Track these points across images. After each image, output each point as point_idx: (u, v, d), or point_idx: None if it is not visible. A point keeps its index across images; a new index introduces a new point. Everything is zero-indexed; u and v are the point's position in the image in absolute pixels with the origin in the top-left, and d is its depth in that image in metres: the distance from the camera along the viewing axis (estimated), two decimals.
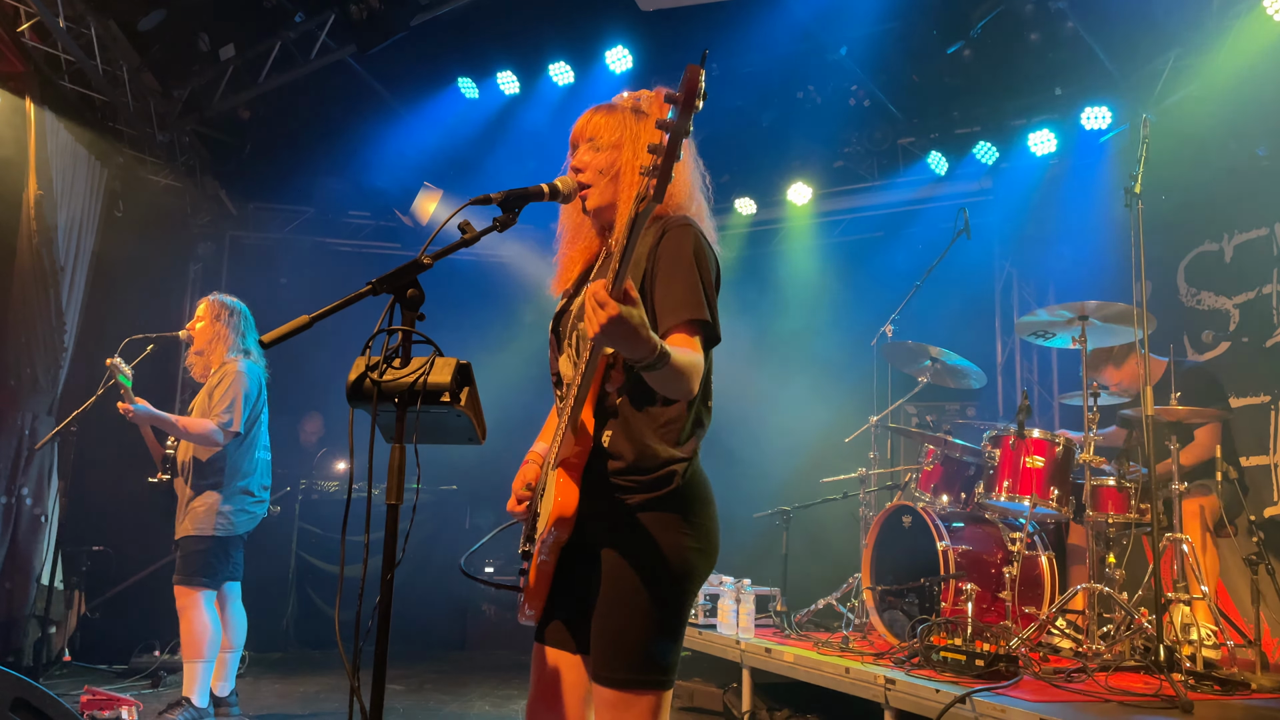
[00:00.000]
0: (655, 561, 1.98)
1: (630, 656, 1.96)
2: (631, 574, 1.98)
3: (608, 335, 1.71)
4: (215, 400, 4.85)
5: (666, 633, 1.99)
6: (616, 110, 2.23)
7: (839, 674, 4.13)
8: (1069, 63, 6.53)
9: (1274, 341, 5.79)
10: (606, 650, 1.99)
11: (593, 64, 7.33)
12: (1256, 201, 5.93)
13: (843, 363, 7.32)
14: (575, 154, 2.22)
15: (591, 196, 2.19)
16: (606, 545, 2.02)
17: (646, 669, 1.97)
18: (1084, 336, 4.78)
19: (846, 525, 6.35)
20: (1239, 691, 3.73)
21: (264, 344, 1.75)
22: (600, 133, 2.20)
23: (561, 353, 2.21)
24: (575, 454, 2.00)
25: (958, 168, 7.39)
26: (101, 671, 6.26)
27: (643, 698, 1.96)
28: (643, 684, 1.96)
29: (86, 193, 7.16)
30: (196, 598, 4.72)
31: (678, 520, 2.01)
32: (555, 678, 2.14)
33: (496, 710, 5.49)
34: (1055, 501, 4.77)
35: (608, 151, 2.17)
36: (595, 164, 2.18)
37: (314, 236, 8.84)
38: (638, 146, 2.13)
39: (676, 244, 2.05)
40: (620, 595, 1.98)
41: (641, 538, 1.99)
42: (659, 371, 1.82)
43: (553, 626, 2.17)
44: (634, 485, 2.01)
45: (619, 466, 2.02)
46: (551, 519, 1.96)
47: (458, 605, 8.12)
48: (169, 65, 7.09)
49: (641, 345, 1.74)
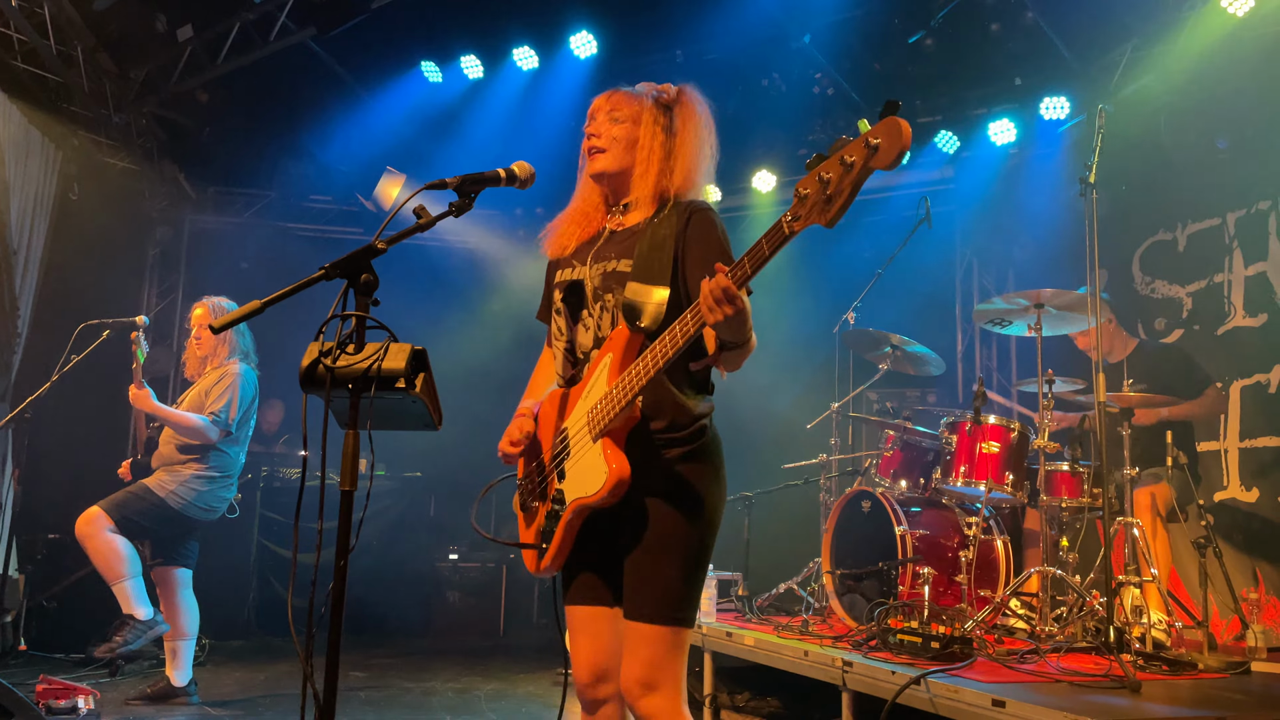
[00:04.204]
0: (692, 508, 2.17)
1: (673, 595, 2.13)
2: (672, 521, 2.15)
3: (728, 323, 1.87)
4: (212, 398, 4.91)
5: (700, 572, 2.19)
6: (639, 95, 2.38)
7: (798, 657, 4.17)
8: (1028, 53, 6.60)
9: (1225, 329, 5.91)
10: (652, 590, 2.13)
11: (557, 49, 7.31)
12: (1210, 192, 6.04)
13: (805, 349, 7.37)
14: (594, 123, 2.36)
15: (601, 160, 2.32)
16: (646, 496, 2.15)
17: (685, 606, 2.15)
18: (1039, 324, 4.85)
19: (807, 510, 6.40)
20: (1186, 672, 3.81)
21: (214, 329, 1.73)
22: (620, 107, 2.35)
23: (578, 322, 2.30)
24: (623, 426, 2.11)
25: (919, 156, 7.44)
26: (58, 660, 6.18)
27: (678, 633, 2.14)
28: (683, 620, 2.14)
29: (40, 176, 7.02)
30: (100, 524, 4.67)
31: (708, 469, 2.22)
32: (604, 634, 2.25)
33: (460, 696, 5.49)
34: (1010, 486, 4.85)
35: (627, 124, 2.33)
36: (612, 132, 2.33)
37: (275, 221, 8.74)
38: (656, 129, 2.32)
39: (707, 228, 2.24)
40: (664, 540, 2.14)
41: (679, 488, 2.17)
42: (741, 350, 2.04)
43: (582, 586, 2.29)
44: (672, 441, 2.18)
45: (659, 427, 2.18)
46: (609, 485, 2.06)
47: (422, 592, 8.10)
48: (125, 46, 6.97)
49: (747, 330, 1.96)
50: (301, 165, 8.36)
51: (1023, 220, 7.15)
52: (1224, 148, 5.89)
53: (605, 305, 2.23)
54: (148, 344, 4.89)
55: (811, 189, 1.75)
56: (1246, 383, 5.74)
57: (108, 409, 8.07)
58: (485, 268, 8.73)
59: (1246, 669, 3.94)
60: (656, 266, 2.17)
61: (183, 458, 4.91)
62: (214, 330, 1.74)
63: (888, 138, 1.65)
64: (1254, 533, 5.56)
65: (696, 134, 2.36)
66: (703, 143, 2.37)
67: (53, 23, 6.37)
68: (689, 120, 2.36)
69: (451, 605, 8.06)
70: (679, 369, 2.20)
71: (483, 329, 8.32)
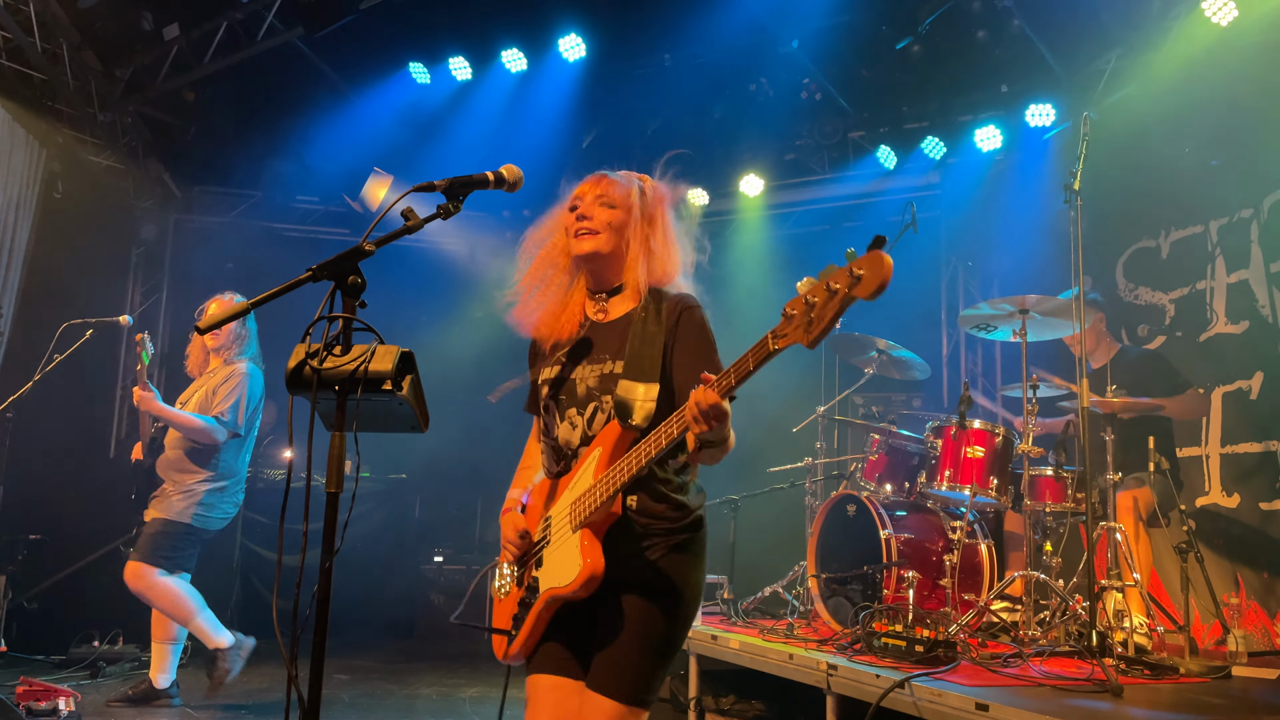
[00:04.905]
0: (675, 596, 2.20)
1: (639, 677, 2.16)
2: (653, 607, 2.18)
3: (713, 431, 1.94)
4: (219, 398, 4.87)
5: (670, 658, 2.23)
6: (625, 182, 2.40)
7: (783, 660, 4.18)
8: (1015, 61, 6.64)
9: (1208, 336, 5.95)
10: (620, 668, 2.16)
11: (545, 51, 7.31)
12: (1193, 200, 6.09)
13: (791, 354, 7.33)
14: (584, 204, 2.35)
15: (592, 241, 2.32)
16: (627, 584, 2.18)
17: (649, 690, 2.18)
18: (1024, 330, 4.88)
19: (793, 514, 6.41)
20: (1168, 675, 3.84)
21: (200, 330, 1.73)
22: (612, 194, 2.36)
23: (563, 420, 2.31)
24: (603, 520, 2.15)
25: (906, 162, 7.48)
26: (39, 662, 6.13)
27: (638, 714, 2.17)
28: (644, 702, 2.17)
29: (24, 173, 6.97)
30: (153, 576, 4.72)
31: (695, 559, 2.26)
32: (564, 705, 2.23)
33: (444, 699, 5.47)
34: (995, 491, 4.87)
35: (620, 211, 2.34)
36: (604, 217, 2.34)
37: (261, 221, 8.70)
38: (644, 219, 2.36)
39: (697, 326, 2.30)
40: (642, 624, 2.17)
41: (660, 581, 2.20)
42: (719, 447, 2.07)
43: (549, 655, 2.28)
44: (664, 533, 2.22)
45: (653, 521, 2.21)
46: (582, 579, 2.09)
47: (406, 595, 8.08)
48: (111, 44, 6.93)
49: (727, 430, 1.99)
50: (288, 165, 8.32)
51: (1008, 226, 7.18)
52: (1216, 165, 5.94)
53: (601, 406, 2.25)
54: (153, 346, 4.85)
55: (798, 310, 1.85)
56: (1228, 389, 5.78)
57: (90, 408, 8.03)
58: (473, 270, 8.71)
59: (1227, 673, 3.97)
60: (647, 363, 2.22)
61: (192, 470, 4.83)
62: (200, 331, 1.73)
63: (870, 270, 1.73)
64: (1235, 538, 5.60)
65: (671, 224, 2.41)
66: (678, 233, 2.42)
67: (38, 20, 6.33)
68: (663, 211, 2.40)
69: (436, 607, 8.04)
70: (668, 467, 2.25)
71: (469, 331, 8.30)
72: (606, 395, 2.24)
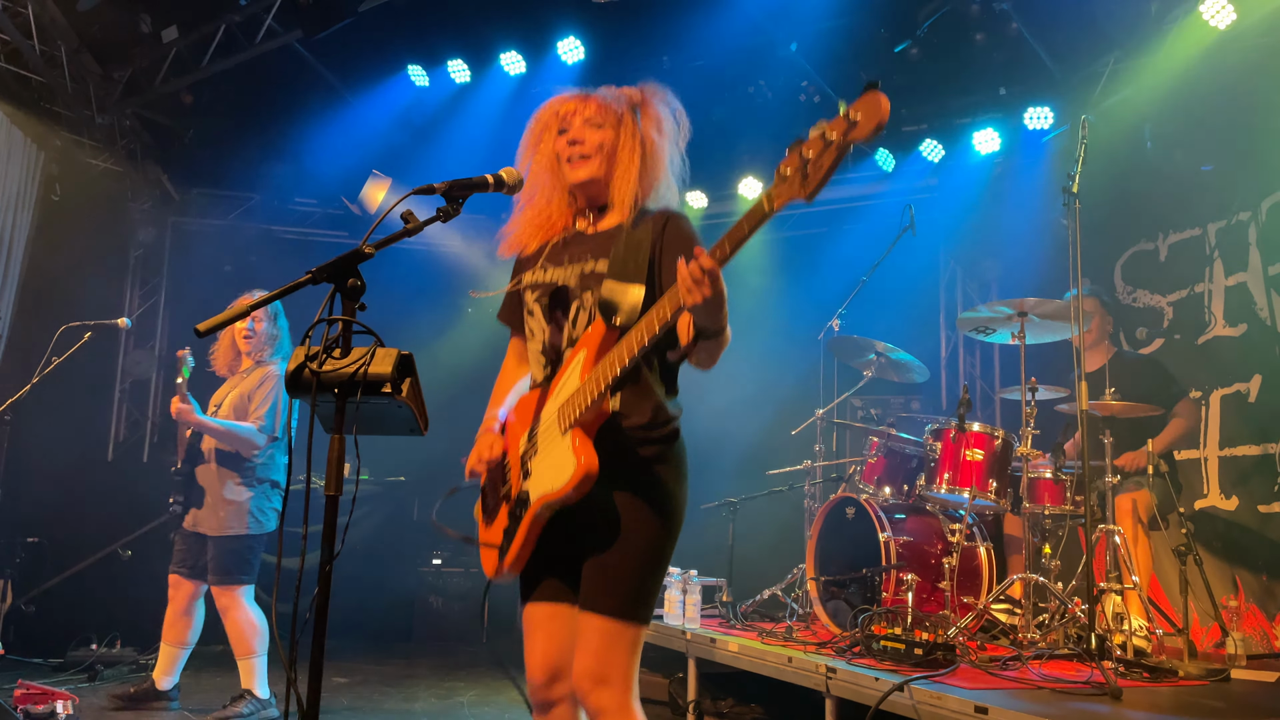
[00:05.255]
0: (659, 507, 2.16)
1: (631, 590, 2.11)
2: (637, 518, 2.13)
3: (706, 306, 1.85)
4: (255, 403, 4.83)
5: (659, 571, 2.18)
6: (609, 99, 2.37)
7: (782, 663, 4.18)
8: (1013, 63, 6.65)
9: (1206, 339, 5.96)
10: (608, 581, 2.11)
11: (544, 54, 7.30)
12: (1191, 202, 6.10)
13: (790, 356, 7.39)
14: (574, 128, 2.31)
15: (586, 167, 2.30)
16: (613, 491, 2.13)
17: (642, 603, 2.13)
18: (1023, 333, 4.88)
19: (792, 517, 6.41)
20: (1167, 679, 3.84)
21: (200, 332, 1.72)
22: (599, 114, 2.32)
23: (552, 323, 2.28)
24: (594, 419, 2.09)
25: (905, 165, 7.49)
26: (36, 665, 6.12)
27: (633, 629, 2.11)
28: (639, 617, 2.12)
29: (22, 175, 6.97)
30: (236, 595, 4.74)
31: (676, 472, 2.22)
32: (564, 631, 2.21)
33: (441, 703, 5.47)
34: (994, 493, 4.87)
35: (608, 130, 2.31)
36: (595, 139, 2.30)
37: (259, 223, 8.69)
38: (633, 135, 2.32)
39: (684, 231, 2.26)
40: (627, 534, 2.12)
41: (647, 486, 2.16)
42: (716, 340, 2.02)
43: (546, 584, 2.25)
44: (647, 440, 2.17)
45: (636, 424, 2.16)
46: (577, 477, 2.02)
47: (404, 598, 8.06)
48: (109, 46, 6.92)
49: (723, 317, 1.94)
50: (286, 168, 8.31)
51: (1006, 229, 7.19)
52: (1209, 170, 5.95)
53: (583, 305, 2.22)
54: (193, 360, 4.83)
55: (792, 167, 1.78)
56: (1226, 392, 5.78)
57: (88, 411, 8.02)
58: (471, 272, 8.71)
59: (1226, 676, 3.97)
60: (633, 266, 2.17)
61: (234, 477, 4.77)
62: (199, 334, 1.73)
63: (866, 111, 1.73)
64: (1233, 541, 5.60)
65: (666, 135, 2.36)
66: (671, 143, 2.38)
67: (36, 23, 6.32)
68: (657, 123, 2.36)
69: (434, 610, 8.03)
70: (657, 368, 2.22)
71: (468, 333, 8.30)
72: (588, 293, 2.20)
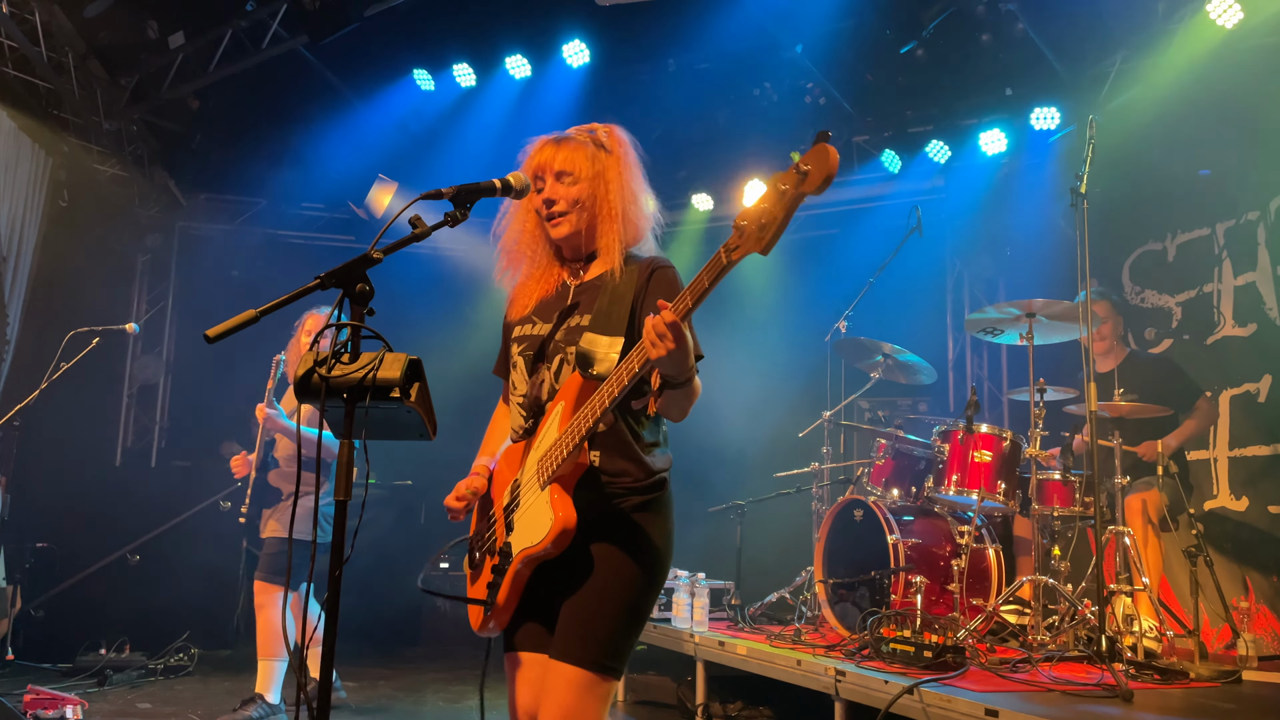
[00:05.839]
0: (639, 558, 2.14)
1: (604, 642, 2.08)
2: (617, 568, 2.12)
3: (670, 358, 1.87)
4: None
5: (636, 626, 2.15)
6: (582, 145, 2.33)
7: (791, 666, 4.17)
8: (1019, 64, 6.63)
9: (1215, 339, 5.93)
10: (582, 633, 2.09)
11: (549, 58, 7.31)
12: (1199, 202, 6.07)
13: (797, 358, 7.38)
14: (548, 186, 2.30)
15: (564, 224, 2.29)
16: (595, 543, 2.13)
17: (616, 656, 2.10)
18: (1031, 334, 4.87)
19: (800, 519, 6.40)
20: (1178, 680, 3.82)
21: (209, 338, 1.72)
22: (574, 166, 2.29)
23: (535, 375, 2.27)
24: (571, 472, 2.09)
25: (911, 166, 7.47)
26: (45, 670, 6.13)
27: (605, 682, 2.08)
28: (610, 670, 2.09)
29: (30, 181, 6.99)
30: (275, 597, 4.74)
31: (660, 523, 2.20)
32: (543, 679, 2.16)
33: (450, 706, 5.46)
34: (1002, 495, 4.85)
35: (585, 183, 2.29)
36: (570, 195, 2.28)
37: (266, 228, 8.71)
38: (608, 183, 2.30)
39: (666, 281, 2.26)
40: (605, 586, 2.11)
41: (630, 537, 2.15)
42: (682, 390, 2.01)
43: (525, 631, 2.25)
44: (629, 490, 2.17)
45: (615, 477, 2.17)
46: (554, 533, 2.02)
47: (412, 601, 8.06)
48: (116, 53, 6.95)
49: (689, 365, 1.95)
50: (293, 172, 8.33)
51: (1013, 229, 7.18)
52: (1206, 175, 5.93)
53: (566, 358, 2.22)
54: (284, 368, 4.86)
55: (748, 220, 1.79)
56: (1236, 392, 5.76)
57: (96, 417, 8.04)
58: (478, 277, 8.70)
59: (1237, 678, 3.95)
60: (614, 318, 2.18)
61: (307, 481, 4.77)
62: (209, 339, 1.73)
63: (816, 163, 1.70)
64: (1244, 541, 5.58)
65: (637, 174, 2.36)
66: (641, 182, 2.37)
67: (44, 29, 6.35)
68: (629, 165, 2.35)
69: (442, 614, 8.02)
70: (634, 421, 2.21)
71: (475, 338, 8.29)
72: (571, 346, 2.21)
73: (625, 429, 2.19)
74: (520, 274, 2.41)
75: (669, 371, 1.96)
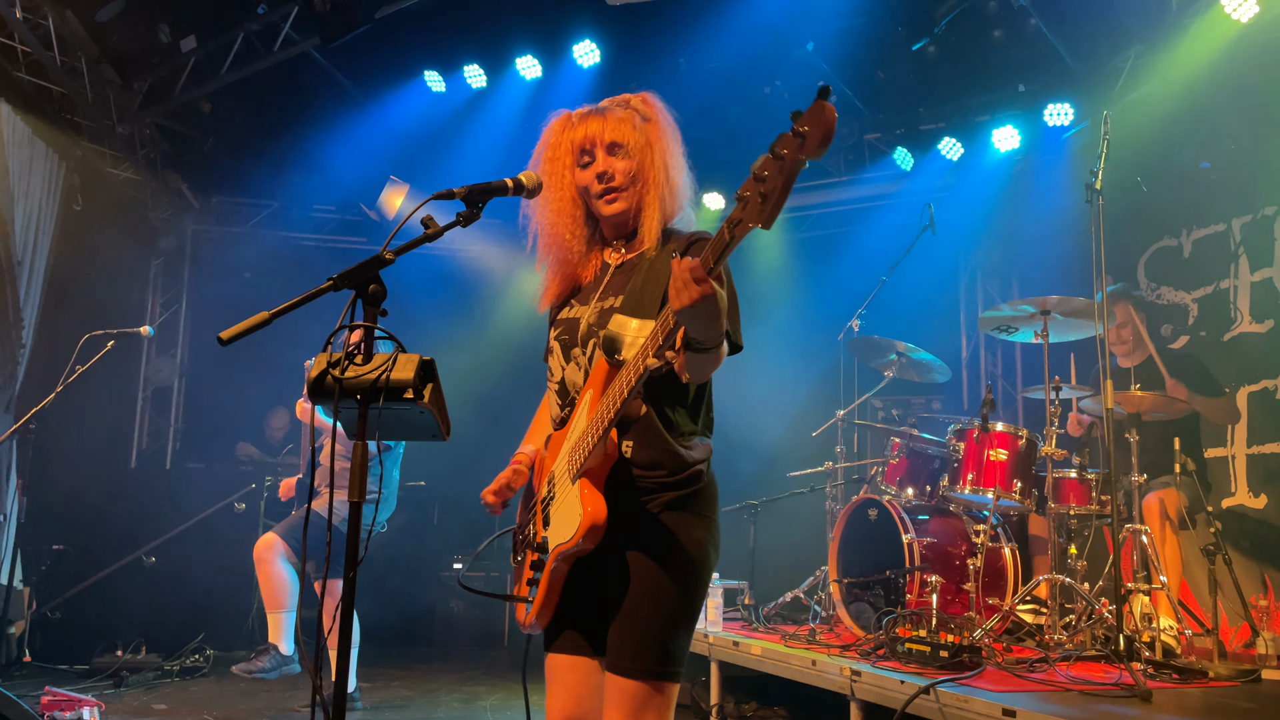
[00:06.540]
0: (679, 557, 2.04)
1: (657, 648, 2.01)
2: (657, 569, 2.02)
3: (696, 310, 1.70)
4: None
5: (687, 625, 2.06)
6: (628, 115, 2.22)
7: (806, 666, 4.16)
8: (1032, 60, 6.60)
9: (1231, 335, 5.89)
10: (633, 643, 2.01)
11: (560, 58, 7.31)
12: (1214, 198, 6.03)
13: (810, 357, 7.36)
14: (599, 159, 2.19)
15: (621, 200, 2.19)
16: (629, 544, 2.05)
17: (670, 660, 2.02)
18: (1046, 331, 4.84)
19: (813, 519, 6.38)
20: (1197, 680, 3.79)
21: (222, 340, 1.72)
22: (625, 137, 2.18)
23: (570, 361, 2.19)
24: (600, 464, 2.01)
25: (923, 163, 7.44)
26: (62, 672, 6.16)
27: (666, 688, 2.02)
28: (667, 675, 2.02)
29: (44, 186, 7.03)
30: (277, 551, 4.83)
31: (699, 518, 2.08)
32: (582, 684, 2.14)
33: (464, 707, 5.47)
34: (1018, 494, 4.82)
35: (635, 156, 2.18)
36: (626, 168, 2.18)
37: (278, 230, 8.74)
38: (654, 153, 2.19)
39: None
40: (647, 590, 2.02)
41: (666, 535, 2.04)
42: (709, 354, 1.84)
43: (566, 634, 2.17)
44: (661, 487, 2.06)
45: (646, 473, 2.06)
46: (583, 530, 1.95)
47: (426, 602, 8.08)
48: (129, 57, 6.98)
49: (719, 325, 1.77)
50: (305, 175, 8.37)
51: (1027, 226, 7.14)
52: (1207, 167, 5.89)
53: (599, 343, 2.09)
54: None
55: (749, 190, 1.68)
56: (1254, 389, 5.72)
57: (111, 419, 8.08)
58: (491, 277, 8.73)
59: (1257, 677, 3.92)
60: (647, 299, 2.09)
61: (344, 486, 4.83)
62: (222, 342, 1.73)
63: (813, 123, 1.61)
64: (1262, 539, 5.54)
65: (677, 144, 2.26)
66: (680, 152, 2.26)
67: (56, 34, 6.38)
68: (671, 134, 2.25)
69: (455, 614, 8.04)
70: (668, 409, 2.10)
71: (488, 338, 8.31)
72: (603, 330, 2.08)
73: (657, 418, 2.08)
74: (558, 259, 2.29)
75: (695, 332, 1.78)
